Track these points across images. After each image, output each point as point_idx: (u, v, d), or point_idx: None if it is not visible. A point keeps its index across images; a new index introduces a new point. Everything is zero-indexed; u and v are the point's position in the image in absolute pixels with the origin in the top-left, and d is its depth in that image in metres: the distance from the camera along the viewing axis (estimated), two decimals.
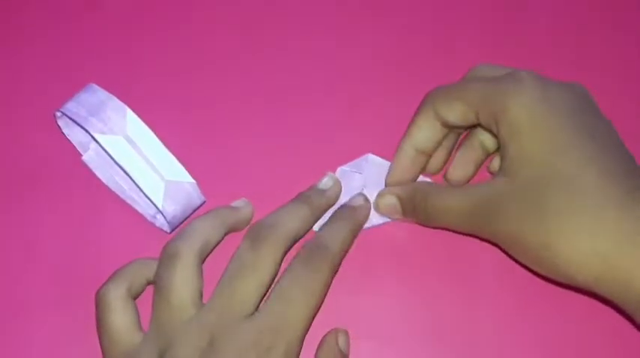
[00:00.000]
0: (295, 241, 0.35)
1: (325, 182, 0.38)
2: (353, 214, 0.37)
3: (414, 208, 0.36)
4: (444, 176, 0.38)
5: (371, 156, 0.39)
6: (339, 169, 0.38)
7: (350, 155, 0.39)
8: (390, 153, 0.38)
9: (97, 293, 0.34)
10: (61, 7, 0.42)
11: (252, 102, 0.40)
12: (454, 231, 0.36)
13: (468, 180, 0.38)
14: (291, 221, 0.35)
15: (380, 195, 0.37)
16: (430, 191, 0.35)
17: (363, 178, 0.38)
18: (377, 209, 0.37)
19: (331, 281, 0.33)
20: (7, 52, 0.41)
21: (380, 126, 0.40)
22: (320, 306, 0.33)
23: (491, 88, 0.33)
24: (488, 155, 0.38)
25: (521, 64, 0.35)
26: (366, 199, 0.37)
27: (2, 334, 0.36)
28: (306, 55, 0.41)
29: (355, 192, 0.38)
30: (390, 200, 0.37)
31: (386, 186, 0.38)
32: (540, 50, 0.42)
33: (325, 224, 0.36)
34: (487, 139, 0.38)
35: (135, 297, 0.34)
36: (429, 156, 0.37)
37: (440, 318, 0.37)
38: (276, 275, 0.34)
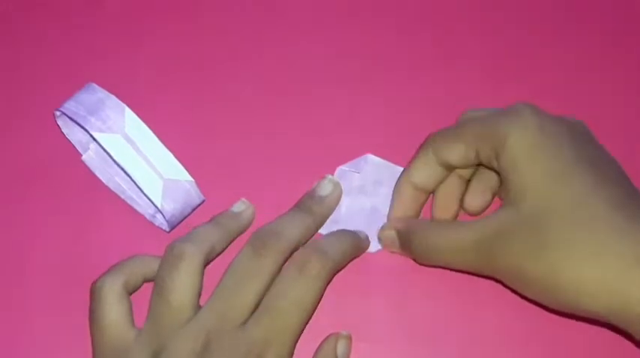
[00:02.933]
0: (296, 249, 0.35)
1: (325, 186, 0.37)
2: (356, 237, 0.37)
3: (410, 244, 0.35)
4: (462, 206, 0.37)
5: (370, 156, 0.39)
6: (338, 169, 0.38)
7: (350, 155, 0.39)
8: (389, 153, 0.38)
9: (93, 285, 0.34)
10: (61, 6, 0.42)
11: (251, 101, 0.40)
12: (452, 270, 0.35)
13: (485, 209, 0.37)
14: (294, 229, 0.35)
15: (382, 227, 0.37)
16: (428, 227, 0.35)
17: (361, 178, 0.38)
18: (379, 240, 0.37)
19: (324, 290, 0.33)
20: (7, 52, 0.41)
21: (380, 127, 0.40)
22: (312, 314, 0.33)
23: (489, 123, 0.33)
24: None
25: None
26: (367, 237, 0.37)
27: (2, 333, 0.36)
28: (306, 55, 0.41)
29: (354, 192, 0.38)
30: (389, 233, 0.36)
31: (388, 221, 0.37)
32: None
33: (328, 235, 0.36)
34: None
35: (130, 293, 0.34)
36: (429, 193, 0.37)
37: (437, 319, 0.37)
38: None
